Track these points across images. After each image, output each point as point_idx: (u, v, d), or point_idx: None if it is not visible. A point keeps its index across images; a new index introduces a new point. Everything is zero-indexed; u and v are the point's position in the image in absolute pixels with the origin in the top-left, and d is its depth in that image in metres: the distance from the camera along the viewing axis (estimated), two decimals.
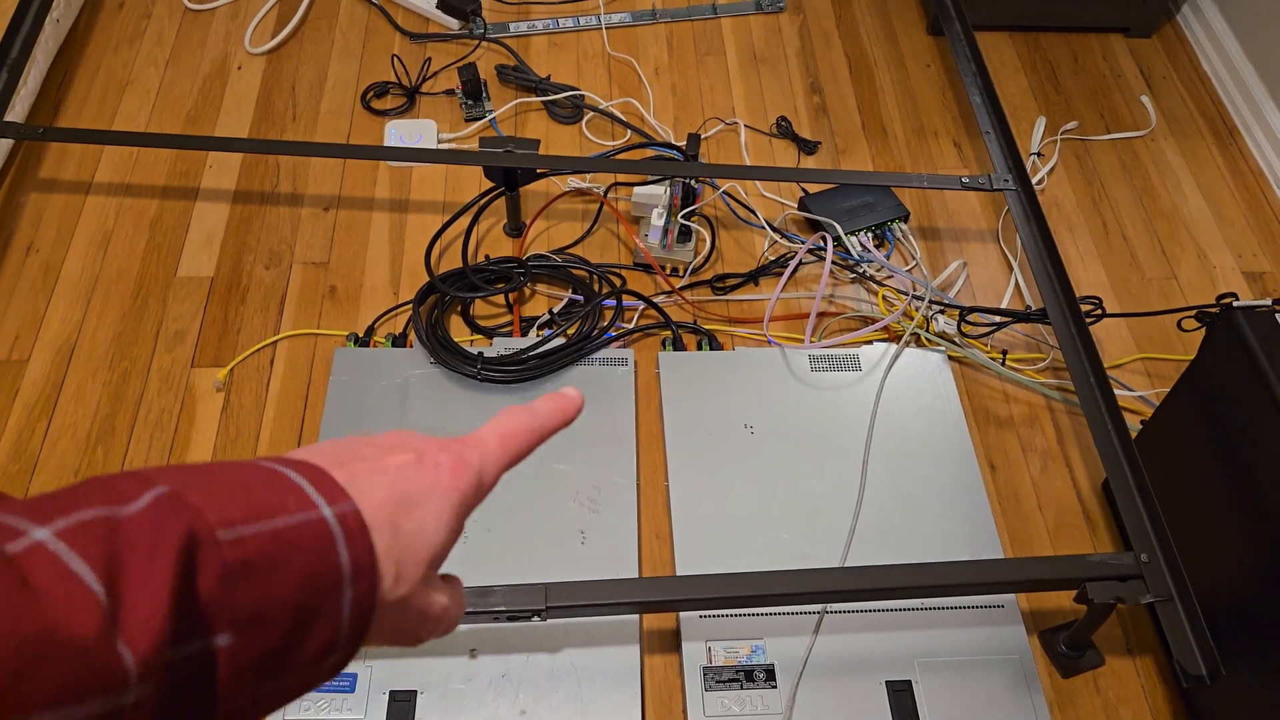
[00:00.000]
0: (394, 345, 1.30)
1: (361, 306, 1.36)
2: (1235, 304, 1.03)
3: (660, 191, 1.39)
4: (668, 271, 1.40)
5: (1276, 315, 0.99)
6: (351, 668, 1.04)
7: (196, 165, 1.51)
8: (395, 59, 1.65)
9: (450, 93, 1.62)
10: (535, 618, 0.96)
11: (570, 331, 1.31)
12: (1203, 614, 0.94)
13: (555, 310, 1.34)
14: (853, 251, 1.40)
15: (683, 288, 1.38)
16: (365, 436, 0.41)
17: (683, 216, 1.38)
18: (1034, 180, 1.54)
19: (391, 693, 1.02)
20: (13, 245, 1.41)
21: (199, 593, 0.30)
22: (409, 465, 0.39)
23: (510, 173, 1.34)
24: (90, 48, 1.67)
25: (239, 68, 1.66)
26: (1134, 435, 1.17)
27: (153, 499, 0.31)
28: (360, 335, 1.31)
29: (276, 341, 1.32)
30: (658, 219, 1.38)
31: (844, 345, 1.31)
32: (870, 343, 1.32)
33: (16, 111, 1.45)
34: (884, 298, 1.36)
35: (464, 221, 1.41)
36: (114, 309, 1.35)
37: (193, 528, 0.30)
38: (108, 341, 1.32)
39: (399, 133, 1.55)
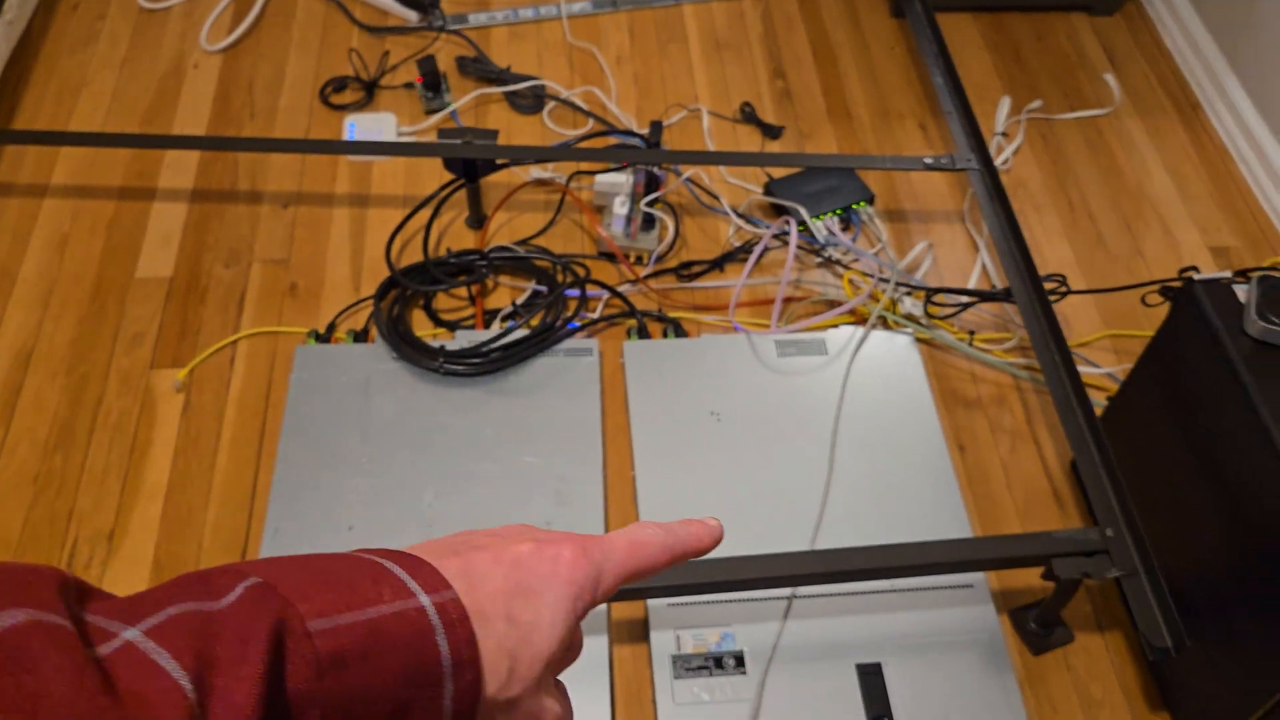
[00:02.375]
0: (355, 341, 1.28)
1: (323, 303, 1.35)
2: (1196, 277, 1.03)
3: (623, 180, 1.38)
4: (632, 260, 1.38)
5: (1235, 287, 0.99)
6: None
7: (153, 165, 1.49)
8: (353, 53, 1.63)
9: (410, 86, 1.60)
10: None
11: (534, 322, 1.29)
12: (1168, 587, 0.94)
13: (519, 302, 1.33)
14: (818, 235, 1.40)
15: (647, 276, 1.37)
16: (487, 529, 0.39)
17: (646, 204, 1.37)
18: (999, 160, 1.54)
19: None
20: None
21: (290, 684, 0.30)
22: (529, 554, 0.37)
23: (470, 164, 1.33)
24: (44, 50, 1.65)
25: (195, 66, 1.63)
26: (1100, 412, 1.17)
27: (244, 591, 0.31)
28: (321, 332, 1.29)
29: (237, 341, 1.31)
30: (620, 207, 1.37)
31: (810, 329, 1.31)
32: (837, 326, 1.31)
33: None
34: (850, 281, 1.35)
35: (424, 215, 1.40)
36: (71, 312, 1.33)
37: (283, 618, 0.30)
38: (65, 345, 1.30)
39: (358, 127, 1.54)
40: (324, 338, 1.29)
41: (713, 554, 1.01)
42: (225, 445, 1.21)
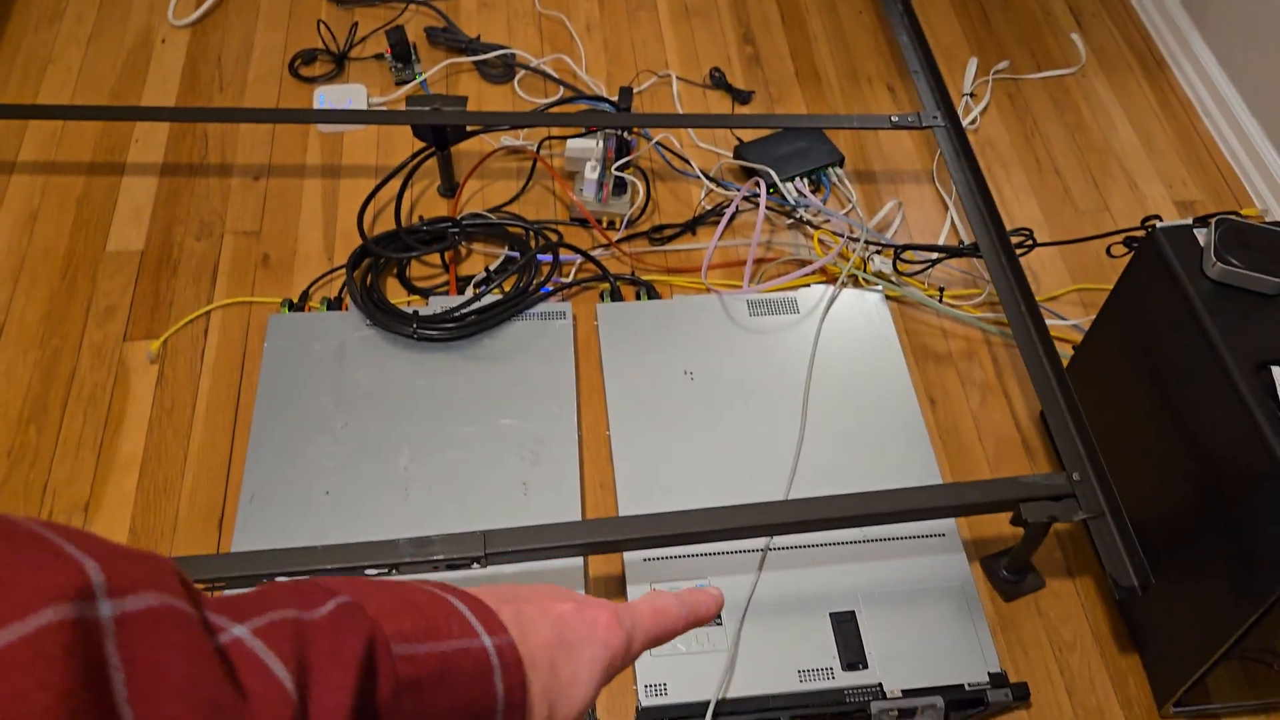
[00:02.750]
0: (329, 309, 1.28)
1: (296, 273, 1.35)
2: (1158, 225, 1.04)
3: (593, 145, 1.38)
4: (604, 225, 1.39)
5: (1195, 232, 1.00)
6: None
7: (123, 140, 1.48)
8: (322, 25, 1.63)
9: (379, 57, 1.60)
10: (475, 565, 0.96)
11: (507, 287, 1.30)
12: (1135, 529, 0.96)
13: (492, 268, 1.33)
14: (788, 197, 1.40)
15: (619, 240, 1.38)
16: (520, 585, 0.41)
17: (617, 169, 1.37)
18: (967, 120, 1.55)
19: None
20: None
21: (375, 699, 0.31)
22: (570, 613, 0.40)
23: (440, 131, 1.33)
24: (9, 27, 1.63)
25: (163, 41, 1.63)
26: (1067, 362, 1.19)
27: (336, 606, 0.32)
28: (294, 301, 1.29)
29: (210, 312, 1.31)
30: (591, 172, 1.37)
31: (781, 289, 1.32)
32: (808, 285, 1.32)
33: None
34: (820, 241, 1.36)
35: (396, 184, 1.40)
36: (42, 287, 1.32)
37: (372, 637, 0.32)
38: (37, 320, 1.29)
39: (328, 98, 1.53)
40: (297, 307, 1.29)
41: (687, 506, 1.02)
42: (200, 415, 1.22)
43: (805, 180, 1.43)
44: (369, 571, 0.95)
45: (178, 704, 0.25)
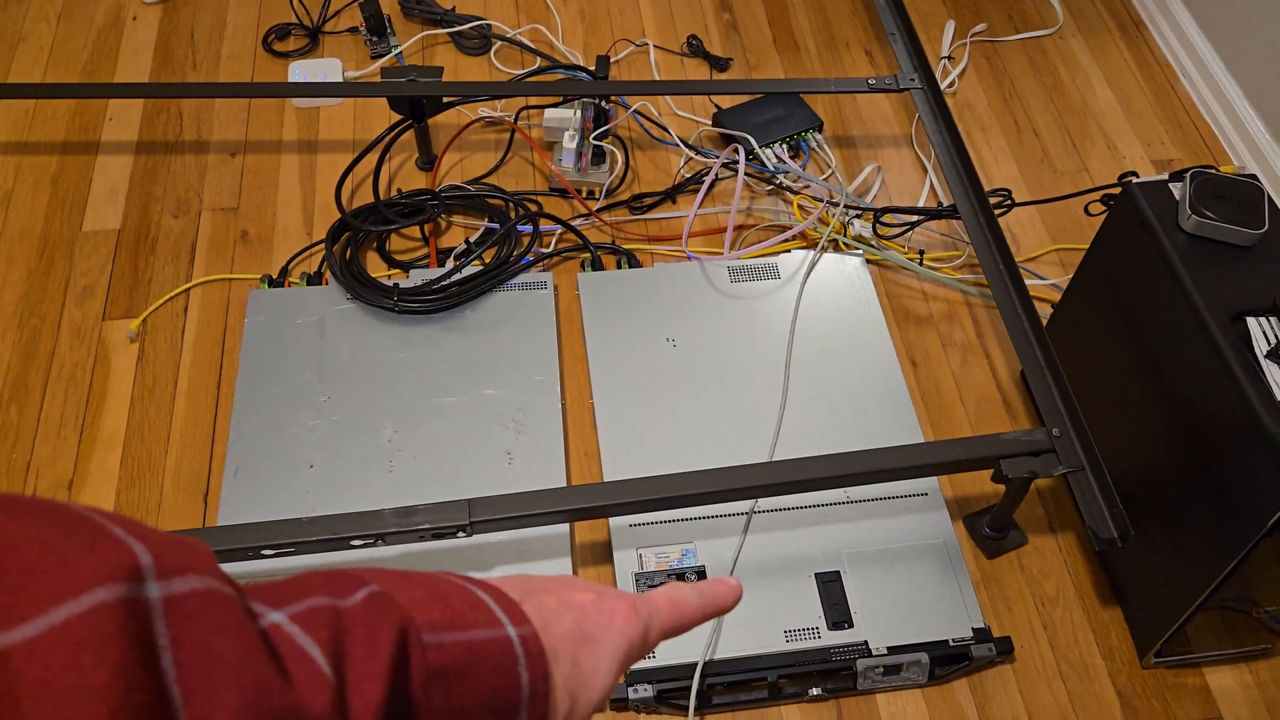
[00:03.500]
0: (309, 284, 1.28)
1: (275, 249, 1.34)
2: (1135, 181, 1.04)
3: (571, 115, 1.38)
4: (584, 194, 1.39)
5: (1171, 186, 1.01)
6: None
7: (96, 118, 1.47)
8: None
9: (354, 30, 1.58)
10: (460, 534, 0.97)
11: (487, 258, 1.30)
12: (1114, 482, 0.96)
13: (472, 239, 1.33)
14: (768, 164, 1.40)
15: (599, 209, 1.38)
16: (539, 576, 0.41)
17: (595, 138, 1.37)
18: (945, 83, 1.54)
19: None
20: None
21: (409, 688, 0.32)
22: (590, 604, 0.40)
23: (417, 103, 1.32)
24: None
25: (134, 18, 1.61)
26: (1046, 321, 1.20)
27: (367, 595, 0.32)
28: (274, 277, 1.29)
29: (189, 289, 1.30)
30: (570, 142, 1.37)
31: (762, 255, 1.32)
32: (789, 251, 1.32)
33: None
34: (800, 206, 1.36)
35: (374, 157, 1.39)
36: (19, 268, 1.31)
37: (404, 626, 0.32)
38: (14, 301, 1.28)
39: (303, 73, 1.52)
40: (277, 282, 1.28)
41: (672, 471, 1.02)
42: (183, 392, 1.21)
43: (784, 146, 1.43)
44: (355, 543, 0.95)
45: (226, 683, 0.26)
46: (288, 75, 1.53)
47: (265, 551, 0.94)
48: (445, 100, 1.36)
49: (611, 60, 1.55)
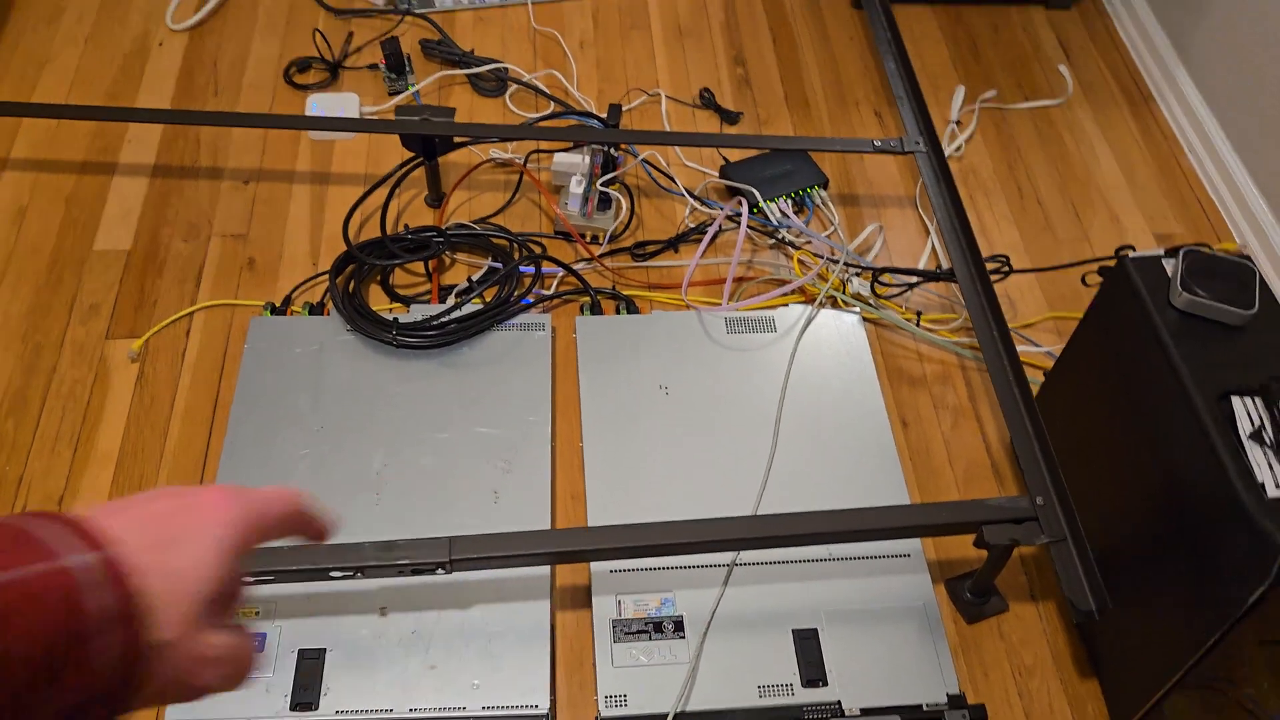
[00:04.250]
0: (311, 314, 1.29)
1: (280, 278, 1.36)
2: (1130, 255, 1.05)
3: (580, 160, 1.40)
4: (587, 239, 1.40)
5: (1164, 262, 1.02)
6: (261, 626, 1.04)
7: (115, 141, 1.50)
8: (318, 33, 1.65)
9: (374, 67, 1.62)
10: (440, 570, 0.97)
11: (488, 297, 1.31)
12: (1096, 554, 0.96)
13: (474, 278, 1.35)
14: (771, 217, 1.42)
15: (602, 255, 1.39)
16: (132, 497, 0.42)
17: (602, 184, 1.39)
18: (951, 147, 1.56)
19: (300, 651, 1.02)
20: None
21: None
22: (176, 510, 0.40)
23: (428, 141, 1.35)
24: (9, 25, 1.65)
25: (160, 44, 1.64)
26: (1037, 388, 1.20)
27: None
28: (277, 305, 1.31)
29: (193, 313, 1.32)
30: (577, 186, 1.39)
31: (760, 307, 1.33)
32: (787, 305, 1.33)
33: None
34: (800, 261, 1.37)
35: (383, 192, 1.41)
36: (28, 283, 1.34)
37: None
38: (20, 315, 1.30)
39: (321, 106, 1.55)
40: (280, 310, 1.30)
41: (657, 518, 1.03)
42: (179, 414, 1.22)
43: (789, 201, 1.44)
44: (334, 574, 0.96)
45: None
46: (306, 107, 1.56)
47: (244, 578, 0.95)
48: (456, 140, 1.38)
49: (624, 108, 1.57)
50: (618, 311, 1.33)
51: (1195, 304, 0.96)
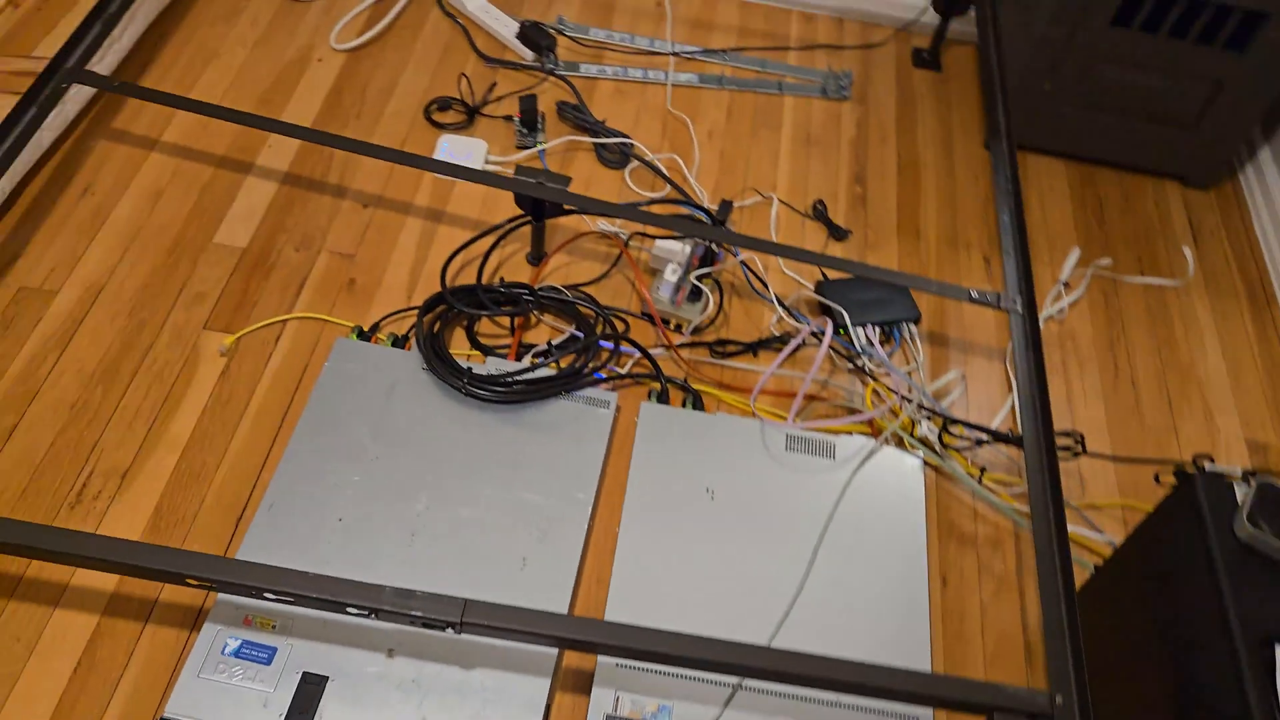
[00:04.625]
0: (394, 345, 1.34)
1: (375, 304, 1.42)
2: (1206, 466, 1.02)
3: (680, 248, 1.43)
4: (671, 326, 1.42)
5: (1236, 485, 0.98)
6: (273, 641, 1.07)
7: (257, 143, 1.59)
8: (464, 77, 1.72)
9: (508, 119, 1.68)
10: (450, 629, 0.99)
11: (563, 364, 1.34)
12: None
13: (555, 342, 1.38)
14: (856, 342, 1.42)
15: (681, 345, 1.41)
16: None
17: (696, 277, 1.41)
18: (1055, 309, 1.54)
19: (304, 674, 1.05)
20: (72, 185, 1.49)
21: None
22: None
23: (538, 203, 1.39)
24: (189, 18, 1.77)
25: (319, 60, 1.74)
26: (1086, 577, 1.17)
27: None
28: (365, 329, 1.36)
29: (287, 320, 1.38)
30: (671, 274, 1.41)
31: (824, 430, 1.32)
32: (851, 434, 1.33)
33: (105, 64, 1.55)
34: (874, 393, 1.37)
35: (487, 242, 1.46)
36: (148, 261, 1.42)
37: None
38: (133, 290, 1.38)
39: (450, 147, 1.61)
40: (366, 335, 1.35)
41: (675, 621, 1.03)
42: (250, 415, 1.28)
43: (877, 330, 1.44)
44: (350, 610, 0.99)
45: None
46: (436, 145, 1.62)
47: (266, 595, 0.98)
48: (566, 207, 1.42)
49: (735, 204, 1.59)
50: (684, 404, 1.35)
51: (1258, 539, 0.93)
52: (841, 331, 1.42)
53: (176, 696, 1.03)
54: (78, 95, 1.54)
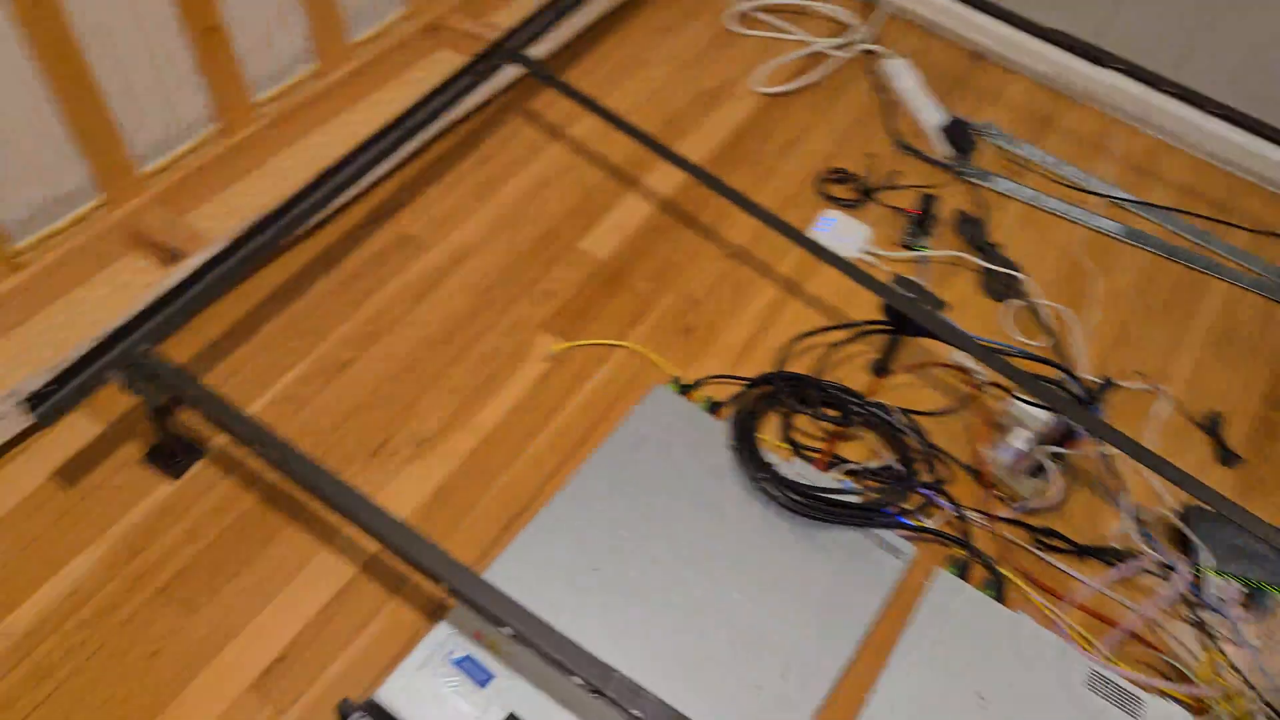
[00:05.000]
0: (708, 409, 1.29)
1: (703, 359, 1.37)
2: None
3: (1039, 416, 1.27)
4: (999, 496, 1.27)
5: None
6: (494, 667, 1.05)
7: (649, 162, 1.59)
8: (869, 156, 1.64)
9: (900, 211, 1.58)
10: None
11: (870, 495, 1.23)
12: None
13: (869, 466, 1.27)
14: (1207, 593, 1.20)
15: (1003, 518, 1.26)
16: None
17: (1048, 453, 1.25)
18: None
19: (511, 715, 1.03)
20: (475, 152, 1.57)
21: None
22: None
23: (903, 319, 1.29)
24: (628, 24, 1.82)
25: (735, 97, 1.72)
26: None
27: None
28: (685, 383, 1.32)
29: (617, 346, 1.37)
30: (1018, 439, 1.26)
31: (1134, 682, 1.13)
32: (1165, 698, 1.12)
33: (540, 49, 1.61)
34: (1212, 663, 1.15)
35: (837, 336, 1.37)
36: (515, 244, 1.46)
37: None
38: (493, 267, 1.43)
39: (832, 224, 1.54)
40: (684, 389, 1.31)
41: None
42: (550, 429, 1.28)
43: (1240, 587, 1.21)
44: (574, 679, 0.94)
45: None
46: (819, 216, 1.56)
47: (504, 628, 0.96)
48: (929, 330, 1.31)
49: (1116, 384, 1.41)
50: (983, 587, 1.20)
51: None
52: (1195, 570, 1.21)
53: (391, 682, 1.04)
54: (508, 71, 1.61)
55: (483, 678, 1.05)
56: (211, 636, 1.07)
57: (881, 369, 1.38)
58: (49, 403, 1.05)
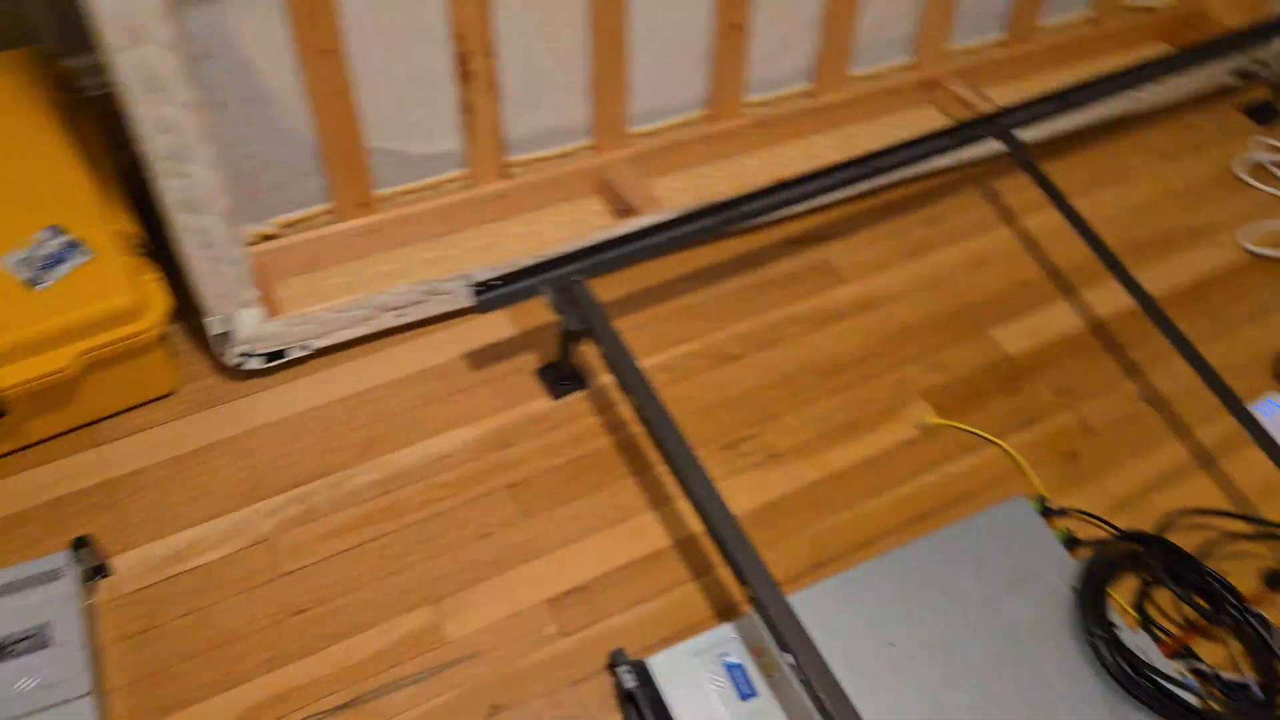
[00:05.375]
0: (1065, 543, 1.20)
1: (1079, 491, 1.28)
2: None
3: None
4: None
5: None
6: (761, 686, 1.06)
7: (1096, 278, 1.51)
8: None
9: None
10: None
11: (1208, 704, 1.09)
12: None
13: (1222, 674, 1.13)
14: None
15: None
16: None
17: None
18: None
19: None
20: (922, 211, 1.57)
21: None
22: None
23: None
24: (1130, 138, 1.73)
25: (1217, 245, 1.58)
26: None
27: None
28: (1049, 507, 1.24)
29: (994, 443, 1.31)
30: None
31: None
32: None
33: (1027, 134, 1.57)
34: None
35: (1240, 526, 1.23)
36: (930, 308, 1.45)
37: None
38: (900, 322, 1.43)
39: (1276, 410, 1.37)
40: (1046, 513, 1.23)
41: None
42: (896, 494, 1.25)
43: None
44: None
45: None
46: (1262, 396, 1.39)
47: (788, 655, 0.96)
48: None
49: None
50: None
51: None
52: None
53: (665, 655, 1.07)
54: (983, 145, 1.59)
55: (746, 692, 1.06)
56: (533, 543, 1.17)
57: (1277, 582, 1.21)
58: (492, 294, 1.20)
